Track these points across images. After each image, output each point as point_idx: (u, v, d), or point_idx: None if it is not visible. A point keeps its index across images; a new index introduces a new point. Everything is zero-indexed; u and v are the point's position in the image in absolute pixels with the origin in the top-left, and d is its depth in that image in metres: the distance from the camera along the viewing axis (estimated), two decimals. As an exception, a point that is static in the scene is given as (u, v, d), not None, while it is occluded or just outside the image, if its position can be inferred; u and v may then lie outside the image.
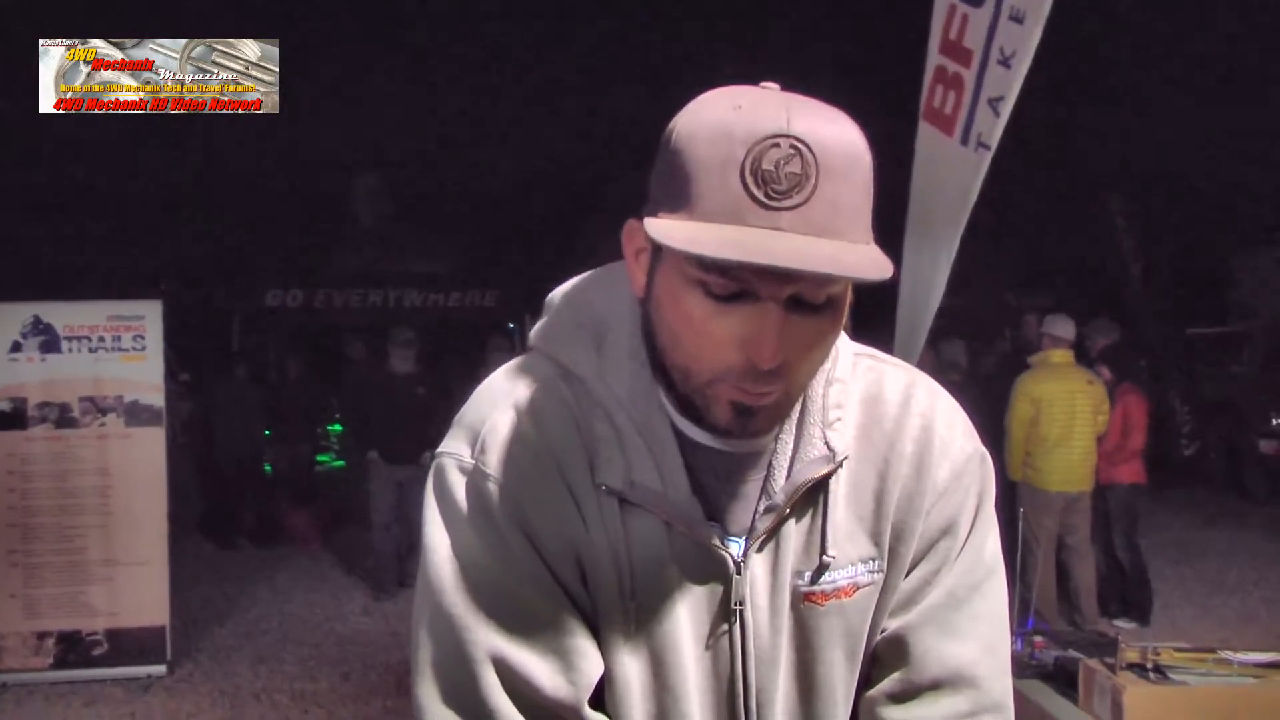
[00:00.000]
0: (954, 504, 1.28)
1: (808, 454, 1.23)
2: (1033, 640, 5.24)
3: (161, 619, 6.79)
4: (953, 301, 4.93)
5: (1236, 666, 4.27)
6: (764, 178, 1.04)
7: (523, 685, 1.17)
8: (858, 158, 1.09)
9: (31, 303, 6.79)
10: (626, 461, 1.19)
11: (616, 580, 1.19)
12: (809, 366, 1.15)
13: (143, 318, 6.84)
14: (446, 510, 1.22)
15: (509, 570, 1.18)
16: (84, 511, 6.72)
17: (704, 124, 1.09)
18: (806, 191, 1.04)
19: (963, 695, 1.25)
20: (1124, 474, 7.70)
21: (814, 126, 1.07)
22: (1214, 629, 7.66)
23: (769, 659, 1.24)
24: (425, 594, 1.22)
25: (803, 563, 1.24)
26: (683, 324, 1.12)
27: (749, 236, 1.03)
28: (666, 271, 1.13)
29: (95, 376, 6.76)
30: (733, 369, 1.10)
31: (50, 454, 6.71)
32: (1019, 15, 4.08)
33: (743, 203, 1.04)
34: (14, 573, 6.64)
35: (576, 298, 1.31)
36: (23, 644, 6.62)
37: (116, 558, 6.73)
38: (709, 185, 1.06)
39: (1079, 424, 7.23)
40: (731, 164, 1.05)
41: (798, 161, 1.04)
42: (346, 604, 8.60)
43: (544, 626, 1.18)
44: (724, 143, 1.06)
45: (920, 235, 4.79)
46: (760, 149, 1.04)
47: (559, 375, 1.25)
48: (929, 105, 4.66)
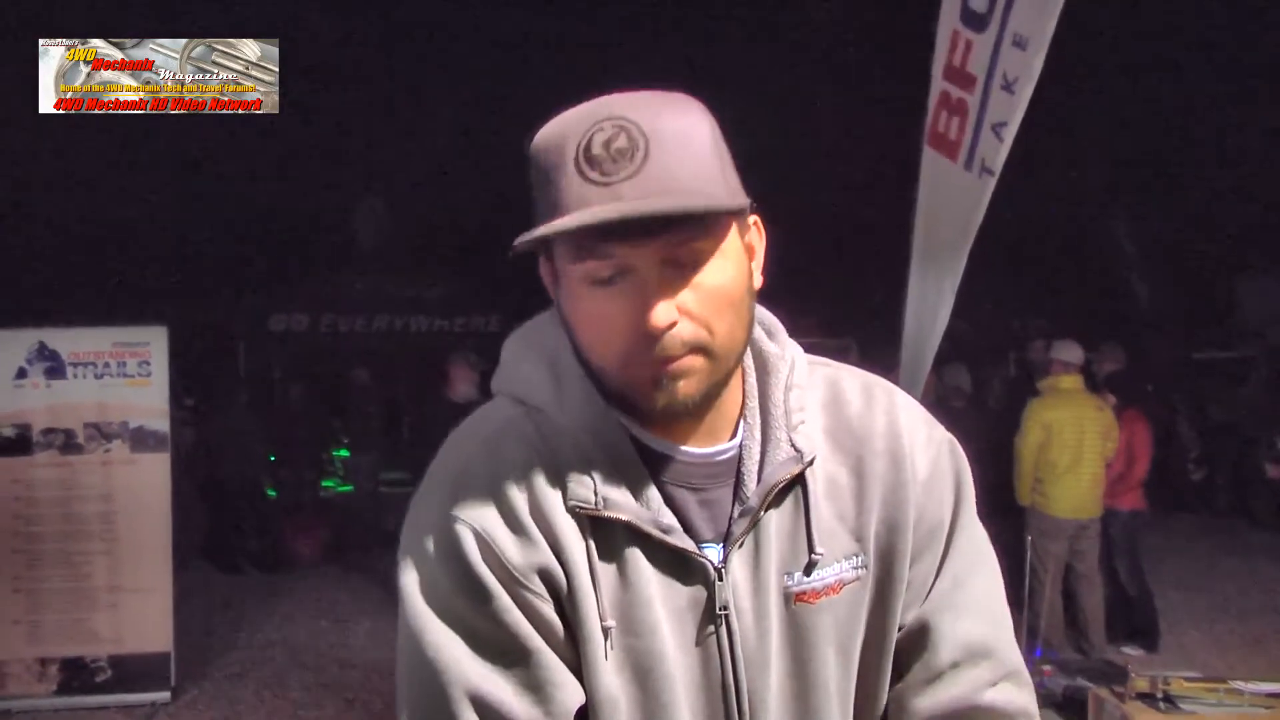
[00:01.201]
0: (939, 493, 1.33)
1: (775, 457, 1.26)
2: (1041, 669, 5.22)
3: (165, 645, 6.77)
4: (956, 326, 4.92)
5: (1248, 696, 4.25)
6: (594, 160, 1.12)
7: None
8: (691, 125, 1.16)
9: (37, 329, 6.81)
10: (595, 481, 1.21)
11: (594, 601, 1.21)
12: (719, 327, 1.18)
13: (148, 344, 6.85)
14: (419, 558, 1.23)
15: (482, 612, 1.20)
16: (88, 537, 6.72)
17: (542, 137, 1.18)
18: (638, 161, 1.11)
19: (982, 667, 1.30)
20: (1125, 501, 7.67)
21: (636, 106, 1.15)
22: (1222, 655, 7.63)
23: (758, 660, 1.26)
24: (404, 640, 1.24)
25: (790, 563, 1.27)
26: (585, 321, 1.19)
27: (590, 212, 1.10)
28: (565, 285, 1.21)
29: (100, 402, 6.76)
30: (636, 344, 1.15)
31: (55, 480, 6.71)
32: (1022, 41, 4.09)
33: (584, 188, 1.12)
34: (18, 599, 6.63)
35: (528, 338, 1.36)
36: (26, 670, 6.60)
37: (121, 584, 6.72)
38: (555, 184, 1.14)
39: (1088, 450, 7.20)
40: (566, 158, 1.13)
41: (623, 136, 1.12)
42: (351, 630, 8.57)
43: (518, 663, 1.20)
44: (558, 142, 1.15)
45: (925, 261, 4.78)
46: (588, 135, 1.13)
47: (521, 413, 1.28)
48: (934, 131, 4.66)
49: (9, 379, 6.67)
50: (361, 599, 9.39)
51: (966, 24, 4.39)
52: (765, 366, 1.33)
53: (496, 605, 1.19)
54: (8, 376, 6.67)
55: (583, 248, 1.14)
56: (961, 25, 4.43)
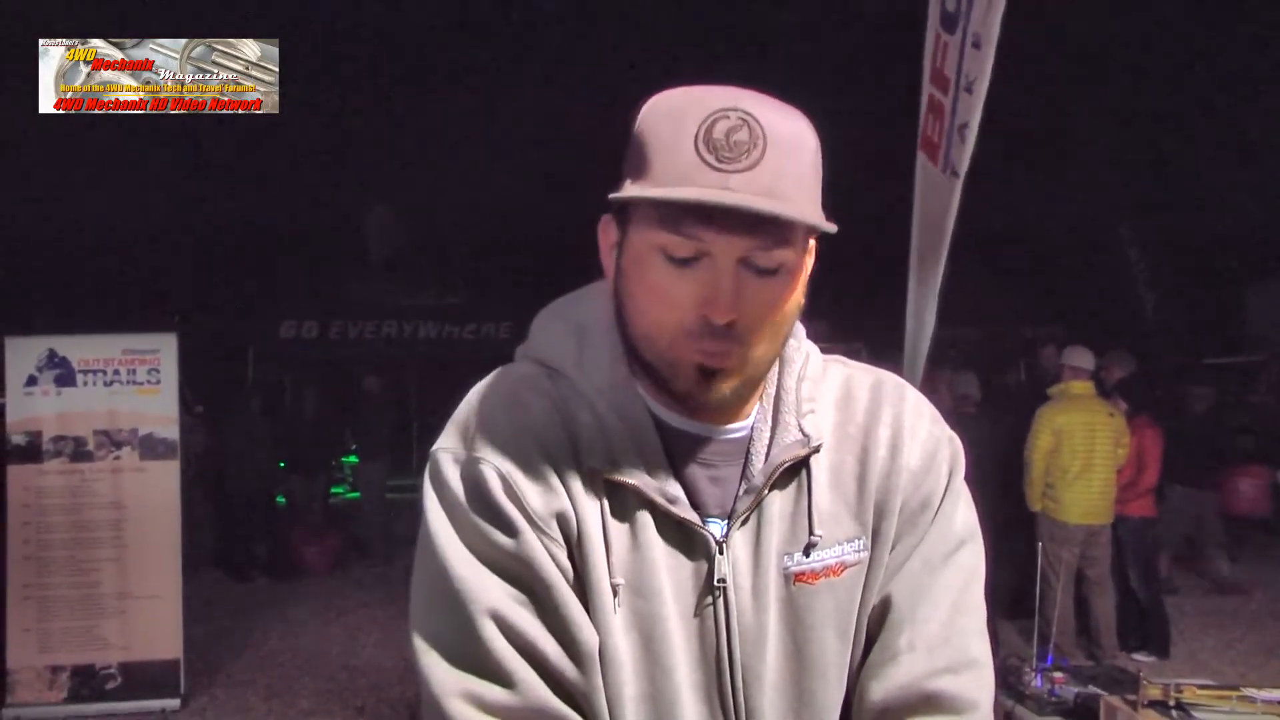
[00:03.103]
0: (929, 482, 1.36)
1: (783, 439, 1.31)
2: (1052, 676, 5.20)
3: (175, 652, 6.78)
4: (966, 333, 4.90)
5: (1260, 705, 4.23)
6: (713, 144, 1.14)
7: (526, 645, 1.21)
8: (804, 137, 1.19)
9: (47, 336, 6.82)
10: (609, 445, 1.26)
11: (605, 557, 1.24)
12: (766, 334, 1.22)
13: (157, 351, 6.86)
14: (445, 498, 1.26)
15: (506, 546, 1.22)
16: (98, 545, 6.72)
17: (662, 105, 1.20)
18: (754, 157, 1.14)
19: (937, 654, 1.30)
20: (1135, 508, 7.65)
21: (762, 105, 1.17)
22: (1234, 662, 7.60)
23: (754, 636, 1.28)
24: (427, 575, 1.26)
25: (790, 544, 1.30)
26: (645, 291, 1.21)
27: (699, 190, 1.12)
28: (631, 247, 1.23)
29: (110, 410, 6.78)
30: (691, 328, 1.18)
31: (65, 487, 6.72)
32: (978, 41, 4.08)
33: (695, 166, 1.14)
34: (28, 606, 6.63)
35: (556, 310, 1.41)
36: (36, 678, 6.60)
37: (130, 591, 6.73)
38: (665, 154, 1.16)
39: (1099, 456, 7.18)
40: (685, 134, 1.15)
41: (745, 130, 1.14)
42: (361, 637, 8.57)
43: (540, 598, 1.23)
44: (678, 116, 1.17)
45: (919, 265, 4.76)
46: (711, 119, 1.15)
47: (543, 373, 1.33)
48: (924, 135, 4.64)
49: (19, 386, 6.69)
50: (371, 606, 9.39)
51: (944, 26, 4.38)
52: (783, 357, 1.36)
53: (521, 540, 1.22)
54: (18, 384, 6.69)
55: (674, 220, 1.16)
56: (941, 28, 4.42)
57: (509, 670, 1.20)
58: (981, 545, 1.39)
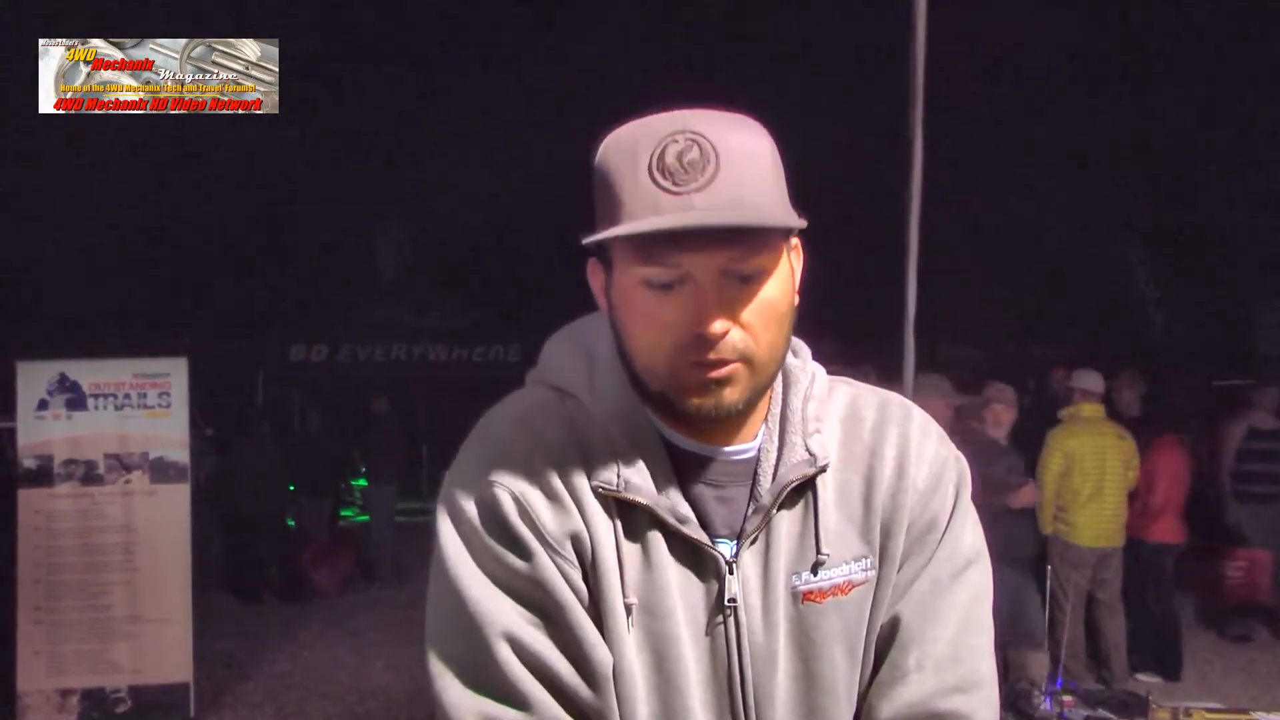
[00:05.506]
0: (935, 502, 1.36)
1: (790, 459, 1.31)
2: (1061, 699, 5.18)
3: (185, 675, 6.77)
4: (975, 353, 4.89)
5: (1271, 726, 4.21)
6: (668, 170, 1.16)
7: (540, 666, 1.23)
8: (756, 142, 1.22)
9: (58, 360, 6.85)
10: (620, 466, 1.27)
11: (619, 578, 1.26)
12: (764, 335, 1.23)
13: (168, 375, 6.88)
14: (459, 521, 1.28)
15: (520, 570, 1.24)
16: (108, 568, 6.73)
17: (613, 143, 1.24)
18: (710, 173, 1.16)
19: (946, 674, 1.31)
20: (1156, 532, 7.63)
21: (709, 122, 1.20)
22: (1245, 685, 7.56)
23: (765, 655, 1.29)
24: (442, 597, 1.28)
25: (798, 563, 1.31)
26: (636, 322, 1.24)
27: (662, 219, 1.15)
28: (618, 284, 1.25)
29: (121, 433, 6.79)
30: (686, 347, 1.20)
31: (76, 511, 6.73)
32: None
33: (656, 196, 1.16)
34: (38, 629, 6.64)
35: (569, 335, 1.43)
36: (46, 701, 6.60)
37: (141, 614, 6.73)
38: (626, 189, 1.18)
39: (1110, 479, 7.18)
40: (640, 167, 1.18)
41: (696, 150, 1.16)
42: (370, 659, 8.57)
43: (555, 620, 1.24)
44: (631, 149, 1.20)
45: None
46: (661, 146, 1.18)
47: (555, 397, 1.35)
48: None
49: (30, 410, 6.71)
50: (381, 629, 9.38)
51: None
52: (788, 378, 1.38)
53: (535, 563, 1.24)
54: (29, 408, 6.71)
55: (648, 251, 1.19)
56: None
57: (524, 692, 1.21)
58: (989, 564, 1.40)
